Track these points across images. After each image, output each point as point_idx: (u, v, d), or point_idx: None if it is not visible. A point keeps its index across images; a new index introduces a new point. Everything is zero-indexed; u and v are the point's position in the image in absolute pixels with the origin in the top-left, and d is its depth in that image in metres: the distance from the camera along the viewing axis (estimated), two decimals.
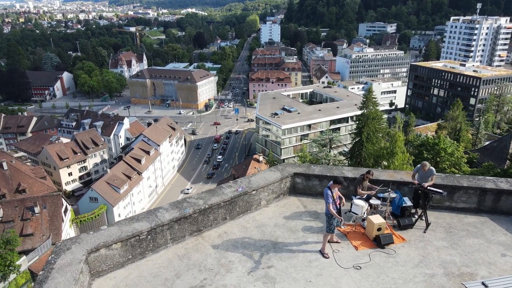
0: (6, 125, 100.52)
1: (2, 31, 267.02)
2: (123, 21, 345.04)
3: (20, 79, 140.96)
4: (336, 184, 7.89)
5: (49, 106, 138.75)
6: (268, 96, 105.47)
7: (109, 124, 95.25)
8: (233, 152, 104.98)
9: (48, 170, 79.62)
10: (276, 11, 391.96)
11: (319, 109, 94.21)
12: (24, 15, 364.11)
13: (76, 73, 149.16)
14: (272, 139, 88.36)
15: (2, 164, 64.84)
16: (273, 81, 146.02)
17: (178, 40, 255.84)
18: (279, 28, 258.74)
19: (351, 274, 7.45)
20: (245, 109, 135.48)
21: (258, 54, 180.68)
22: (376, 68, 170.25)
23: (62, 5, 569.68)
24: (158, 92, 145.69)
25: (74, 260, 6.74)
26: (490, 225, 9.12)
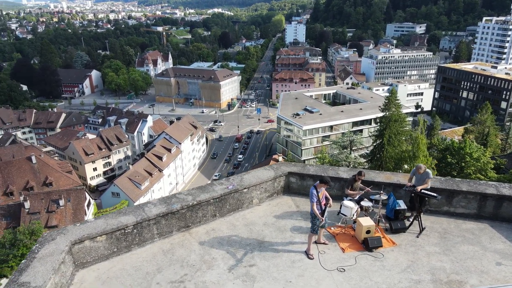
0: (37, 121, 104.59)
1: (37, 30, 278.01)
2: (151, 21, 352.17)
3: (52, 76, 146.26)
4: (322, 184, 7.74)
5: (77, 103, 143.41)
6: (290, 97, 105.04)
7: (133, 122, 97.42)
8: (254, 152, 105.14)
9: (74, 164, 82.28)
10: (302, 11, 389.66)
11: (341, 110, 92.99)
12: (57, 15, 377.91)
13: (104, 71, 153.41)
14: (293, 140, 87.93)
15: (31, 158, 67.43)
16: (297, 82, 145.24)
17: (203, 39, 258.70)
18: (304, 28, 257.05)
19: (334, 276, 7.29)
20: (268, 109, 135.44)
21: (282, 54, 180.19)
22: (403, 70, 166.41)
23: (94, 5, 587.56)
24: (182, 91, 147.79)
25: (56, 250, 6.91)
26: (489, 232, 8.72)
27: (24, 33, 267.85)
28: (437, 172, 43.43)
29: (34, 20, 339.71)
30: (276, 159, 74.86)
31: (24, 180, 65.90)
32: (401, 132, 58.39)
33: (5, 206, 56.59)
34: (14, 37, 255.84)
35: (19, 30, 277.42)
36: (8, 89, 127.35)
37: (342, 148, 64.52)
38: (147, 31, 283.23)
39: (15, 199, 60.72)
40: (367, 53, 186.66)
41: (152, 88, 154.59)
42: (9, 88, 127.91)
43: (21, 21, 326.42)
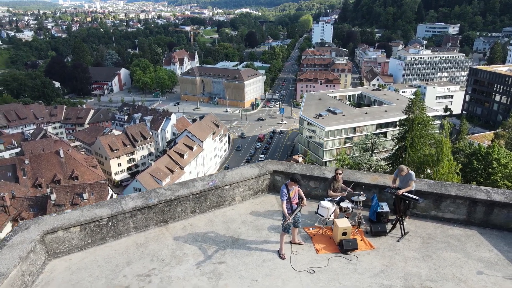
0: (67, 116, 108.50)
1: (71, 29, 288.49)
2: (180, 20, 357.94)
3: (83, 74, 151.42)
4: (293, 182, 7.57)
5: (106, 100, 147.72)
6: (314, 97, 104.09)
7: (158, 119, 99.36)
8: (275, 152, 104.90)
9: (100, 159, 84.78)
10: (331, 11, 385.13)
11: (365, 112, 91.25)
12: (91, 15, 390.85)
13: (132, 69, 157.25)
14: (315, 141, 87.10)
15: (59, 152, 69.98)
16: (321, 82, 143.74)
17: (230, 39, 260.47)
18: (332, 28, 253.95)
19: (301, 278, 7.12)
20: (291, 109, 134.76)
21: (308, 54, 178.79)
22: (432, 71, 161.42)
23: (126, 5, 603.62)
24: (207, 89, 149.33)
25: (27, 239, 7.09)
26: (476, 239, 8.27)
27: (59, 32, 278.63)
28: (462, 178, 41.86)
29: (69, 19, 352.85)
30: (296, 159, 74.14)
31: (52, 173, 68.42)
32: (424, 136, 56.67)
33: (33, 198, 59.04)
34: (50, 36, 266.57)
35: (54, 29, 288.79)
36: (42, 86, 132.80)
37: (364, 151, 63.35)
38: (175, 31, 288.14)
39: (43, 191, 63.25)
40: (395, 54, 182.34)
41: (177, 87, 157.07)
42: (43, 85, 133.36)
43: (57, 21, 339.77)
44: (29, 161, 67.52)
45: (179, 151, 79.90)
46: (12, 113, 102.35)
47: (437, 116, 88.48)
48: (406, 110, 57.14)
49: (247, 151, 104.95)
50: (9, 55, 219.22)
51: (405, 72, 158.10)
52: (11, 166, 67.44)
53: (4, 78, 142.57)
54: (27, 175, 66.71)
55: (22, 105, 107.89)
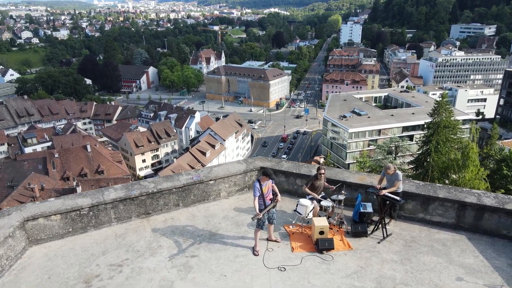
0: (96, 113, 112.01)
1: (104, 28, 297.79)
2: (209, 20, 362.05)
3: (113, 72, 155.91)
4: (265, 177, 7.45)
5: (134, 98, 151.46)
6: (339, 98, 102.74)
7: (182, 117, 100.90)
8: (298, 152, 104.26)
9: (126, 155, 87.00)
10: (361, 11, 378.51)
11: (391, 114, 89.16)
12: (123, 14, 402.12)
13: (160, 68, 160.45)
14: (338, 142, 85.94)
15: (87, 147, 72.35)
16: (348, 83, 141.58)
17: (257, 39, 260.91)
18: (360, 28, 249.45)
19: (271, 275, 7.01)
20: (316, 110, 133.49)
21: (335, 54, 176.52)
22: (465, 74, 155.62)
23: (157, 5, 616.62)
24: (232, 89, 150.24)
25: (6, 224, 7.35)
26: (462, 245, 7.86)
27: (92, 31, 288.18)
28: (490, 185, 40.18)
29: (102, 19, 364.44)
30: (318, 161, 73.56)
31: (79, 167, 70.78)
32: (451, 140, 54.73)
33: (61, 190, 61.24)
34: (84, 35, 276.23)
35: (88, 29, 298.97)
36: (74, 83, 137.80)
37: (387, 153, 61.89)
38: (204, 30, 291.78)
39: (70, 184, 65.59)
40: (427, 55, 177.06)
41: (203, 86, 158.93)
42: (75, 82, 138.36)
43: (91, 20, 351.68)
44: (58, 154, 70.10)
45: (201, 149, 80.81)
46: (45, 108, 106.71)
47: (468, 120, 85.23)
48: (432, 112, 55.40)
49: (269, 151, 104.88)
50: (45, 53, 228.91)
51: (436, 74, 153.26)
52: (42, 159, 70.24)
53: (40, 75, 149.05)
54: (56, 168, 69.26)
55: (55, 101, 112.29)
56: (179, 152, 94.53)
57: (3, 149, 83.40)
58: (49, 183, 63.60)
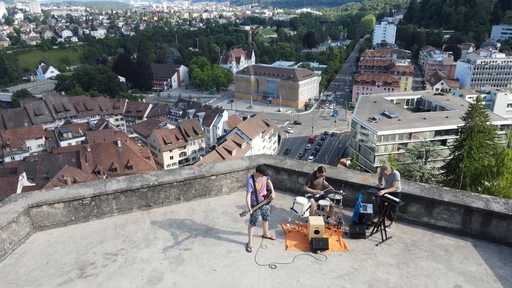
0: (128, 109, 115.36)
1: (139, 28, 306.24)
2: (240, 20, 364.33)
3: (145, 70, 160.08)
4: (259, 173, 7.38)
5: (165, 96, 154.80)
6: (369, 100, 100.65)
7: (210, 116, 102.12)
8: (325, 154, 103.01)
9: (154, 151, 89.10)
10: (396, 11, 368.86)
11: (424, 117, 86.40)
12: (157, 14, 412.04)
13: (191, 67, 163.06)
14: (366, 145, 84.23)
15: (117, 142, 74.64)
16: (379, 85, 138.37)
17: (288, 39, 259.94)
18: (395, 28, 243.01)
19: (261, 272, 6.94)
20: (345, 111, 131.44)
21: (367, 55, 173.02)
22: (506, 77, 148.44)
23: (190, 5, 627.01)
24: (261, 88, 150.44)
25: (11, 210, 7.69)
26: (466, 251, 7.47)
27: (128, 31, 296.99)
28: None
29: (137, 19, 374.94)
30: (344, 163, 72.39)
31: (110, 162, 73.11)
32: (485, 145, 52.30)
33: None
34: (120, 34, 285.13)
35: (124, 28, 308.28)
36: (108, 80, 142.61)
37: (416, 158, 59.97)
38: (235, 30, 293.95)
39: (100, 178, 67.89)
40: (464, 57, 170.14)
41: (232, 85, 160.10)
42: (109, 79, 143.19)
43: (127, 20, 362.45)
44: (91, 149, 72.74)
45: (227, 148, 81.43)
46: (81, 104, 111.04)
47: (506, 125, 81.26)
48: (465, 116, 53.17)
49: (296, 152, 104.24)
50: (83, 51, 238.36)
51: (474, 76, 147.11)
52: (75, 153, 73.10)
53: (77, 72, 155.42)
54: (88, 162, 71.84)
55: (90, 97, 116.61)
56: (206, 150, 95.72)
57: (41, 142, 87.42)
58: (81, 176, 66.06)
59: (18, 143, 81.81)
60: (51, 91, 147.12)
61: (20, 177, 60.55)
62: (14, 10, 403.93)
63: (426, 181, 43.86)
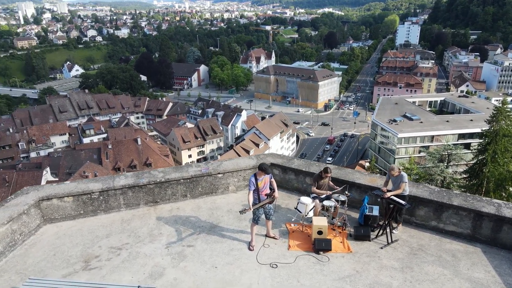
0: (149, 108, 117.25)
1: (161, 28, 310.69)
2: (261, 20, 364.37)
3: (166, 69, 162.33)
4: (261, 172, 7.34)
5: (185, 95, 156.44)
6: (390, 101, 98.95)
7: (229, 115, 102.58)
8: (344, 155, 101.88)
9: (173, 150, 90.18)
10: (420, 11, 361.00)
11: (447, 120, 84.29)
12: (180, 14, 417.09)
13: (211, 66, 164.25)
14: (386, 147, 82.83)
15: (137, 140, 75.97)
16: (401, 86, 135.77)
17: (309, 39, 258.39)
18: (419, 29, 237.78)
19: (261, 271, 6.91)
20: (366, 113, 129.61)
21: (390, 56, 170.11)
22: None
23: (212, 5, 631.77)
24: (280, 88, 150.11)
25: (22, 202, 7.93)
26: (475, 257, 7.23)
27: (150, 30, 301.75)
28: None
29: (160, 18, 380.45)
30: (362, 165, 71.37)
31: (130, 159, 74.49)
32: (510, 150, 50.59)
33: None
34: (143, 33, 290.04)
35: (147, 28, 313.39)
36: (130, 79, 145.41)
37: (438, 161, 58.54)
38: (256, 30, 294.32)
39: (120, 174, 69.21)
40: (492, 58, 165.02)
41: (252, 85, 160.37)
42: (131, 78, 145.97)
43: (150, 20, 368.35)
44: (111, 146, 74.30)
45: (245, 147, 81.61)
46: (103, 102, 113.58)
47: None
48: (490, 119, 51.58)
49: (315, 153, 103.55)
50: (107, 50, 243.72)
51: (501, 79, 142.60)
52: (97, 149, 74.83)
53: (101, 71, 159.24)
54: (109, 159, 73.39)
55: (112, 95, 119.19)
56: (224, 149, 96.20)
57: (64, 139, 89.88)
58: (102, 172, 67.56)
59: (43, 139, 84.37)
60: (76, 89, 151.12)
61: (44, 171, 62.45)
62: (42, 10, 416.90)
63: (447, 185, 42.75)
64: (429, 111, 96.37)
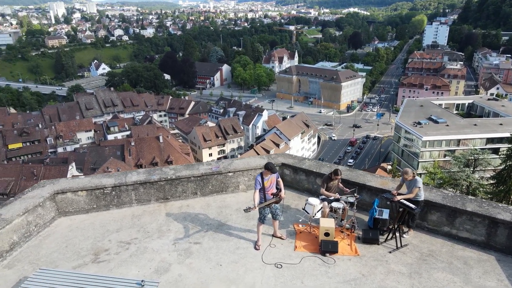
0: (171, 106, 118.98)
1: (186, 27, 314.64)
2: (285, 20, 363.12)
3: (190, 68, 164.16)
4: (267, 171, 7.30)
5: (207, 94, 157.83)
6: (415, 103, 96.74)
7: (250, 114, 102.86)
8: (366, 158, 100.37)
9: (194, 148, 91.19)
10: (450, 11, 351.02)
11: (474, 123, 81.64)
12: (204, 14, 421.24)
13: (234, 66, 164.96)
14: (410, 150, 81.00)
15: (159, 137, 77.24)
16: (427, 88, 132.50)
17: (333, 39, 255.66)
18: (447, 29, 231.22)
19: (266, 270, 6.90)
20: (390, 115, 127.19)
21: (416, 57, 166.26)
22: None
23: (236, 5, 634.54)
24: (303, 89, 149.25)
25: (38, 195, 8.21)
26: (487, 266, 6.97)
27: (175, 30, 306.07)
28: None
29: (185, 18, 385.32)
30: (384, 167, 70.02)
31: (152, 156, 75.80)
32: None
33: None
34: (167, 33, 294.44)
35: (172, 27, 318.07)
36: (154, 77, 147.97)
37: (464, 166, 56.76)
38: (279, 30, 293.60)
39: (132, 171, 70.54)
40: None
41: (274, 85, 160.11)
42: (155, 77, 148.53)
43: (175, 19, 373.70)
44: (134, 143, 75.85)
45: (265, 147, 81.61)
46: (128, 100, 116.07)
47: None
48: None
49: (336, 155, 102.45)
50: (133, 49, 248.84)
51: None
52: (120, 146, 76.56)
53: (126, 69, 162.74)
54: (131, 155, 74.91)
55: (136, 93, 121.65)
56: (245, 148, 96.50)
57: (90, 135, 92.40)
58: (125, 168, 69.03)
59: (70, 135, 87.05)
60: (102, 86, 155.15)
61: (70, 166, 64.43)
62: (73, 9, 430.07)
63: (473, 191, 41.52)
64: (456, 114, 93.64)
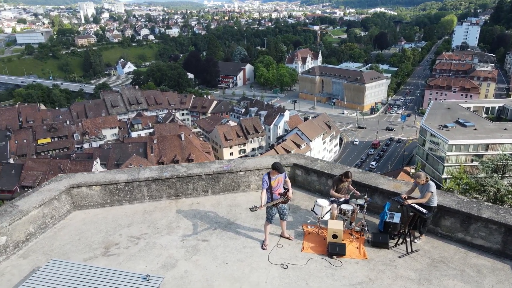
0: (194, 105, 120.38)
1: (210, 27, 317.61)
2: (310, 20, 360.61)
3: (213, 67, 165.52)
4: (274, 171, 7.27)
5: (230, 93, 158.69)
6: (442, 106, 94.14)
7: (272, 114, 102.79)
8: (389, 160, 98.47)
9: (215, 147, 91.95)
10: (481, 11, 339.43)
11: (505, 127, 78.78)
12: (229, 14, 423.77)
13: (257, 65, 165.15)
14: (435, 154, 78.94)
15: (181, 136, 78.30)
16: (455, 91, 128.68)
17: (358, 40, 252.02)
18: (478, 30, 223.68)
19: (271, 270, 6.88)
20: (415, 117, 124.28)
21: (444, 58, 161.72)
22: None
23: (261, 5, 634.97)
24: (326, 89, 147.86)
25: (54, 188, 8.47)
26: (502, 275, 6.69)
27: (200, 29, 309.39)
28: None
29: (209, 18, 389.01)
30: (407, 171, 68.48)
31: (173, 154, 76.96)
32: None
33: None
34: (192, 32, 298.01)
35: (196, 27, 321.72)
36: (178, 76, 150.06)
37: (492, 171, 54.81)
38: (303, 30, 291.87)
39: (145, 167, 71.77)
40: None
41: (297, 85, 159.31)
42: (179, 76, 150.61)
43: (200, 19, 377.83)
44: (157, 141, 77.19)
45: (286, 148, 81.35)
46: (151, 98, 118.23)
47: None
48: None
49: (358, 157, 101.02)
50: (158, 48, 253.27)
51: None
52: (143, 143, 78.08)
53: (151, 68, 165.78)
54: (154, 153, 76.26)
55: (160, 92, 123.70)
56: (265, 148, 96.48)
57: (115, 132, 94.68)
58: (147, 165, 70.35)
59: (96, 131, 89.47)
60: (127, 85, 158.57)
61: (95, 162, 66.21)
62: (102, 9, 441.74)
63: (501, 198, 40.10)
64: (485, 117, 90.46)
